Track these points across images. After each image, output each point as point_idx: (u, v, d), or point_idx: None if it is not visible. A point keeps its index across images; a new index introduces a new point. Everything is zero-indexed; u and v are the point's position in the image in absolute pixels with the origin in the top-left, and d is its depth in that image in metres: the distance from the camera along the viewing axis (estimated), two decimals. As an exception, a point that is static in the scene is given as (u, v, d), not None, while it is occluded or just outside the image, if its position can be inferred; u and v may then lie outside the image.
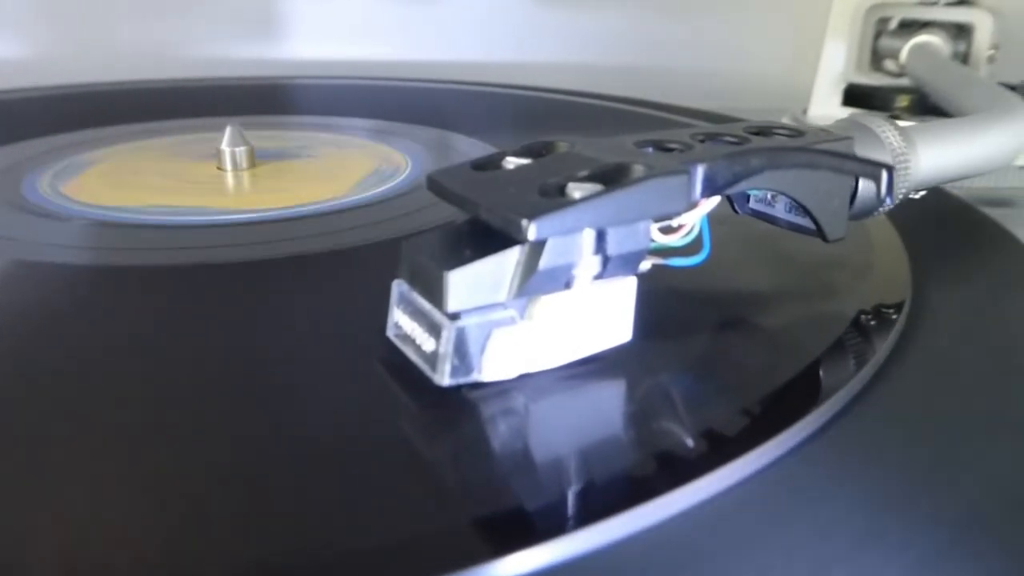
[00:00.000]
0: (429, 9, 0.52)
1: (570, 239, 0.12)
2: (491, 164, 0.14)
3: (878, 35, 0.40)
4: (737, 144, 0.15)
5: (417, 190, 0.24)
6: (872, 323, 0.16)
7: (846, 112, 0.40)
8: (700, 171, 0.13)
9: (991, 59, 0.36)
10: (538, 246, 0.12)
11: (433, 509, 0.11)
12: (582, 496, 0.11)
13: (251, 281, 0.18)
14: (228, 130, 0.26)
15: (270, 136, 0.31)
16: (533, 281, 0.12)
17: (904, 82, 0.39)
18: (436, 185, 0.14)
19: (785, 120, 0.27)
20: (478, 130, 0.32)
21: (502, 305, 0.12)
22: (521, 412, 0.13)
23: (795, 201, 0.16)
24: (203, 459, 0.12)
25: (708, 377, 0.14)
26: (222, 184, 0.25)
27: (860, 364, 0.14)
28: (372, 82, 0.45)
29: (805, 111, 0.42)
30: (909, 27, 0.39)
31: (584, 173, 0.13)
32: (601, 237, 0.12)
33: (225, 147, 0.26)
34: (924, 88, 0.34)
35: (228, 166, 0.26)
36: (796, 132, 0.16)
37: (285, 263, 0.19)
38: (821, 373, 0.14)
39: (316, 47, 0.51)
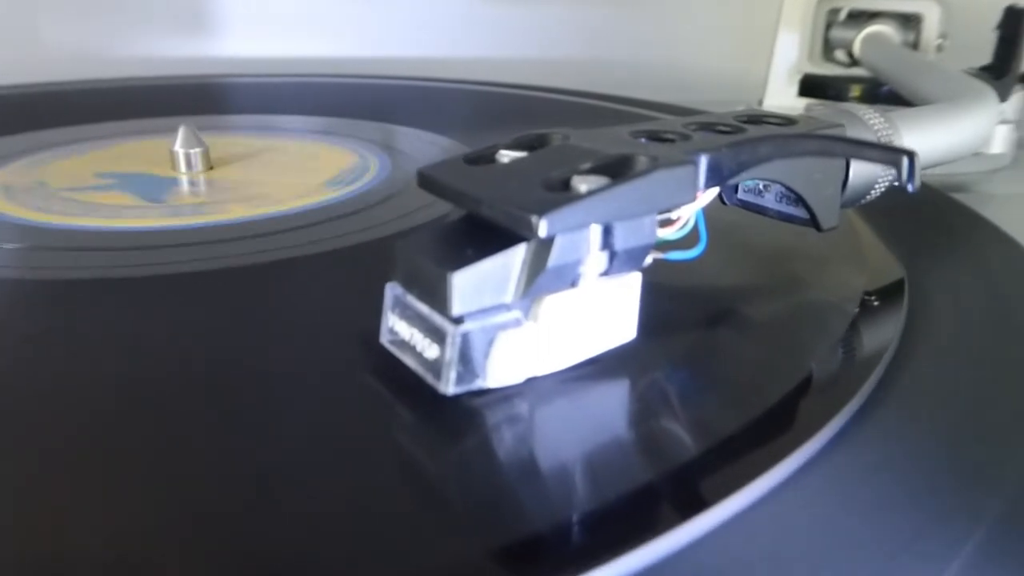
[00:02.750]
0: (369, 5, 0.51)
1: (578, 235, 0.11)
2: (484, 158, 0.13)
3: (828, 26, 0.40)
4: (731, 133, 0.14)
5: (392, 187, 0.23)
6: (870, 310, 0.16)
7: (803, 103, 0.40)
8: (706, 161, 0.13)
9: (940, 48, 0.37)
10: (546, 243, 0.11)
11: (442, 537, 0.10)
12: (607, 522, 0.10)
13: (222, 290, 0.17)
14: (181, 130, 0.24)
15: (221, 139, 0.29)
16: (541, 280, 0.11)
17: (857, 72, 0.39)
18: (428, 181, 0.13)
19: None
20: (432, 126, 0.31)
21: (506, 307, 0.12)
22: (528, 422, 0.12)
23: (791, 191, 0.15)
24: (183, 481, 0.11)
25: (720, 375, 0.14)
26: (178, 189, 0.24)
27: (876, 355, 0.14)
28: (314, 79, 0.44)
29: (760, 102, 0.42)
30: (858, 18, 0.39)
31: (587, 166, 0.12)
32: (608, 232, 0.12)
33: (179, 148, 0.24)
34: (881, 77, 0.35)
35: (182, 168, 0.24)
36: (786, 120, 0.16)
37: (258, 270, 0.18)
38: (838, 368, 0.14)
39: (249, 44, 0.49)
